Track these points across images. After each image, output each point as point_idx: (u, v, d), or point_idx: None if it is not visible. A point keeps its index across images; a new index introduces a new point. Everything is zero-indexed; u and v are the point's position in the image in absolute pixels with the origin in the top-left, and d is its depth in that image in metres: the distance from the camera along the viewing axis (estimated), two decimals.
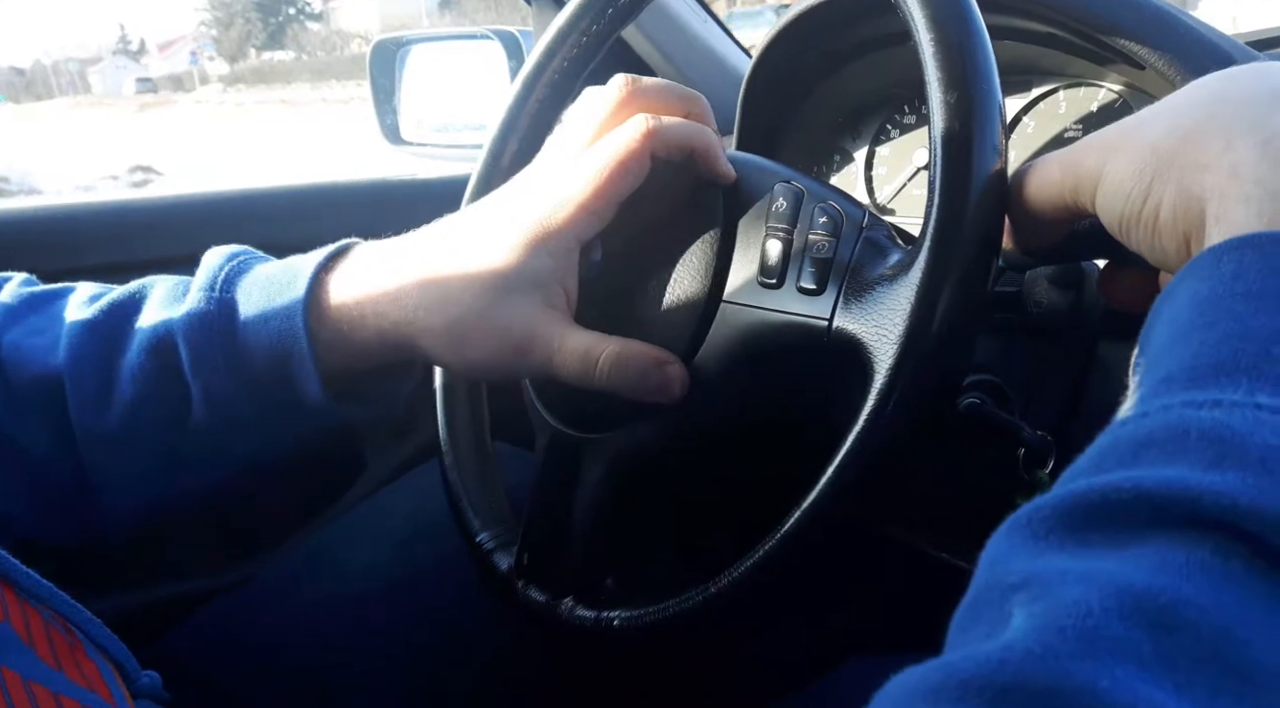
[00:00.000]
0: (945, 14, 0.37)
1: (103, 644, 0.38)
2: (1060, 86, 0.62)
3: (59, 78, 59.21)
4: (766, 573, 0.40)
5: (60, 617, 0.37)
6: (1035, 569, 0.21)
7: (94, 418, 0.44)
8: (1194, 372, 0.23)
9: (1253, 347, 0.22)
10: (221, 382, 0.44)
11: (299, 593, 0.64)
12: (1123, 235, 0.32)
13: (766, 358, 0.42)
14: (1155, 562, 0.20)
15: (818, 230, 0.41)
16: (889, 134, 0.71)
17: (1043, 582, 0.20)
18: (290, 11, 53.49)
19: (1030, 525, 0.22)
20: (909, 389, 0.35)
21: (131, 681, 0.39)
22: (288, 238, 0.91)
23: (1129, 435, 0.23)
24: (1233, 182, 0.27)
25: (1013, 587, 0.21)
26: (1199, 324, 0.24)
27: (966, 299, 0.35)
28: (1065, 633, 0.19)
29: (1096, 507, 0.21)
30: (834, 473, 0.37)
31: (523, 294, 0.41)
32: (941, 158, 0.36)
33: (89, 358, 0.44)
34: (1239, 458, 0.20)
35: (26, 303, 0.47)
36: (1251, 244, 0.25)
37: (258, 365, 0.44)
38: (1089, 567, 0.20)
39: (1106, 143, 0.33)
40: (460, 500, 0.55)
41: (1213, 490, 0.20)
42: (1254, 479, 0.20)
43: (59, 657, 0.35)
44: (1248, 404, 0.21)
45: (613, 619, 0.45)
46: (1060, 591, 0.20)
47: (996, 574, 0.22)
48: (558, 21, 0.53)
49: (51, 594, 0.36)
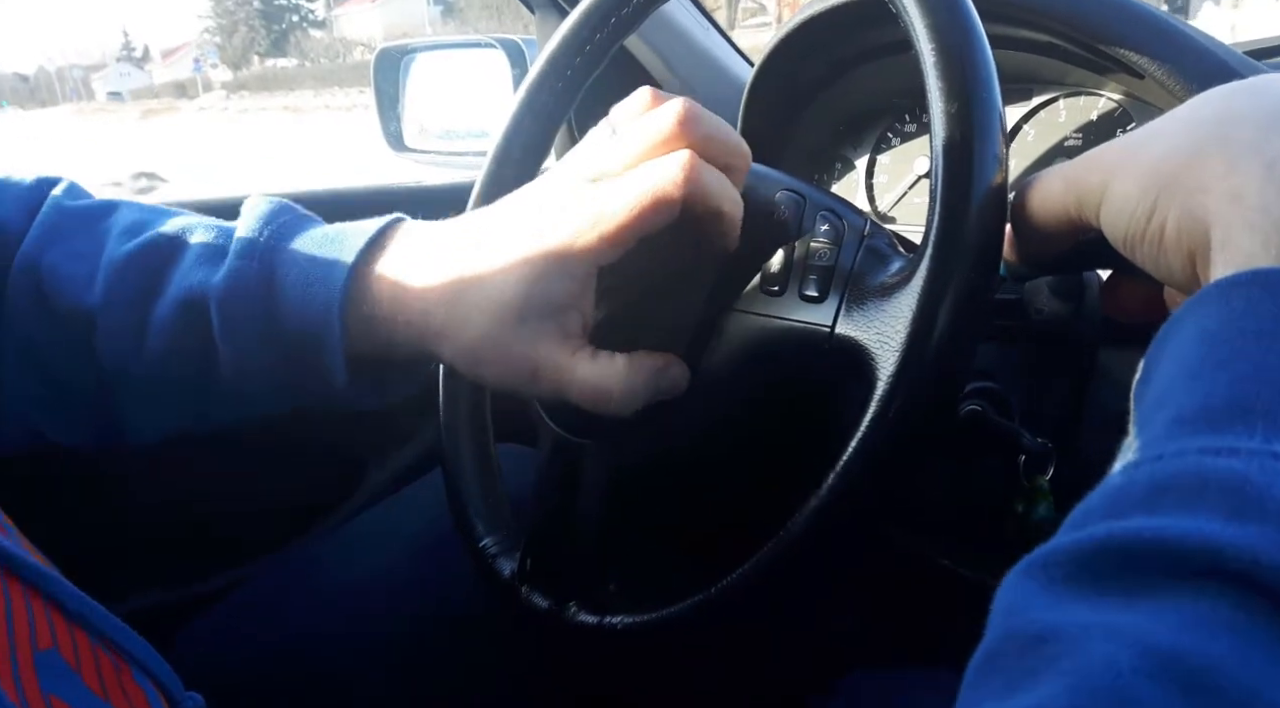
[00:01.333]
0: (946, 24, 0.37)
1: (149, 668, 0.38)
2: (1060, 95, 0.63)
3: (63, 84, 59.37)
4: (768, 578, 0.40)
5: (108, 639, 0.36)
6: (1056, 621, 0.21)
7: (122, 360, 0.45)
8: (1209, 413, 0.23)
9: (1268, 390, 0.22)
10: (252, 350, 0.44)
11: (300, 600, 0.64)
12: (1127, 251, 0.32)
13: (769, 365, 0.42)
14: (1180, 618, 0.20)
15: (820, 238, 0.41)
16: (890, 142, 0.72)
17: (1068, 637, 0.20)
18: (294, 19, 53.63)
19: (1047, 570, 0.22)
20: (910, 396, 0.36)
21: (176, 703, 0.39)
22: None
23: (1145, 479, 0.23)
24: (1236, 207, 0.27)
25: (1034, 639, 0.21)
26: (1210, 362, 0.24)
27: (967, 307, 0.36)
28: (1098, 695, 0.18)
29: (1115, 555, 0.21)
30: (836, 478, 0.38)
31: (540, 321, 0.41)
32: (943, 166, 0.36)
33: (122, 303, 0.45)
34: (1259, 511, 0.20)
35: (71, 219, 0.47)
36: (1259, 281, 0.25)
37: (289, 342, 0.44)
38: (1113, 621, 0.20)
39: (1110, 160, 0.33)
40: (463, 506, 0.55)
41: (1233, 544, 0.20)
42: (1274, 533, 0.20)
43: (105, 684, 0.34)
44: (1265, 453, 0.21)
45: (615, 624, 0.45)
46: (1088, 648, 0.20)
47: (1014, 625, 0.22)
48: (561, 30, 0.53)
49: (102, 618, 0.36)
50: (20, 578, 0.33)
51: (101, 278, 0.45)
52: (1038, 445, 0.49)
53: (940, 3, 0.37)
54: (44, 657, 0.32)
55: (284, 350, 0.44)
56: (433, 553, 0.65)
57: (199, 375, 0.45)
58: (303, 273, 0.44)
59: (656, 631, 0.43)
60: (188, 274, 0.45)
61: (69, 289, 0.45)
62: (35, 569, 0.34)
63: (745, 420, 0.44)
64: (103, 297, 0.45)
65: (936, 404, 0.37)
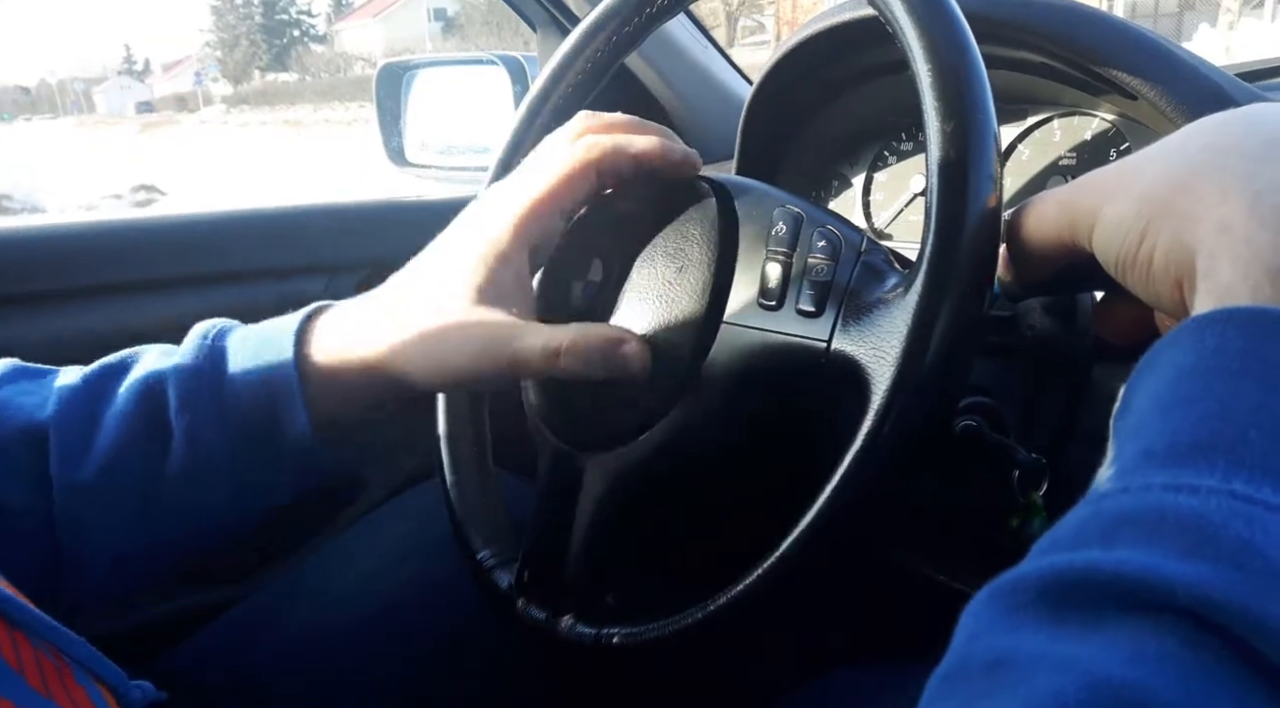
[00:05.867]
0: (942, 44, 0.38)
1: (91, 668, 0.38)
2: (1055, 115, 0.63)
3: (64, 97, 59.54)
4: (765, 592, 0.40)
5: (49, 643, 0.37)
6: (1012, 648, 0.22)
7: (73, 469, 0.44)
8: (1173, 450, 0.24)
9: (1231, 428, 0.23)
10: (206, 422, 0.46)
11: (297, 611, 0.64)
12: (1118, 275, 0.32)
13: (766, 378, 0.42)
14: (1128, 651, 0.20)
15: (816, 254, 0.41)
16: (886, 161, 0.72)
17: (1020, 666, 0.21)
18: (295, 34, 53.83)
19: (1012, 596, 0.23)
20: (905, 410, 0.36)
21: (122, 697, 0.39)
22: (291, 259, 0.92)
23: (1110, 511, 0.23)
24: (1223, 237, 0.28)
25: (990, 664, 0.22)
26: (1180, 399, 0.25)
27: (962, 322, 0.36)
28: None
29: (1074, 586, 0.22)
30: (831, 493, 0.38)
31: (484, 307, 0.44)
32: (938, 185, 0.37)
33: (76, 410, 0.46)
34: (1213, 549, 0.21)
35: (19, 372, 0.48)
36: (1234, 319, 0.25)
37: (244, 405, 0.46)
38: (1064, 653, 0.21)
39: (1104, 184, 0.33)
40: (461, 518, 0.55)
41: (1185, 581, 0.20)
42: (1225, 572, 0.20)
43: (48, 684, 0.35)
44: (1223, 492, 0.22)
45: (612, 637, 0.45)
46: (1038, 678, 0.20)
47: (974, 648, 0.22)
48: (562, 48, 0.54)
49: (39, 621, 0.37)
50: None
51: (54, 399, 0.46)
52: (1032, 461, 0.50)
53: (937, 24, 0.38)
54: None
55: (240, 413, 0.46)
56: (429, 565, 0.65)
57: (151, 471, 0.45)
58: (253, 342, 0.47)
59: (653, 644, 0.44)
60: (142, 371, 0.47)
61: (19, 415, 0.45)
62: None
63: (742, 434, 0.44)
64: (55, 412, 0.45)
65: (932, 417, 0.37)
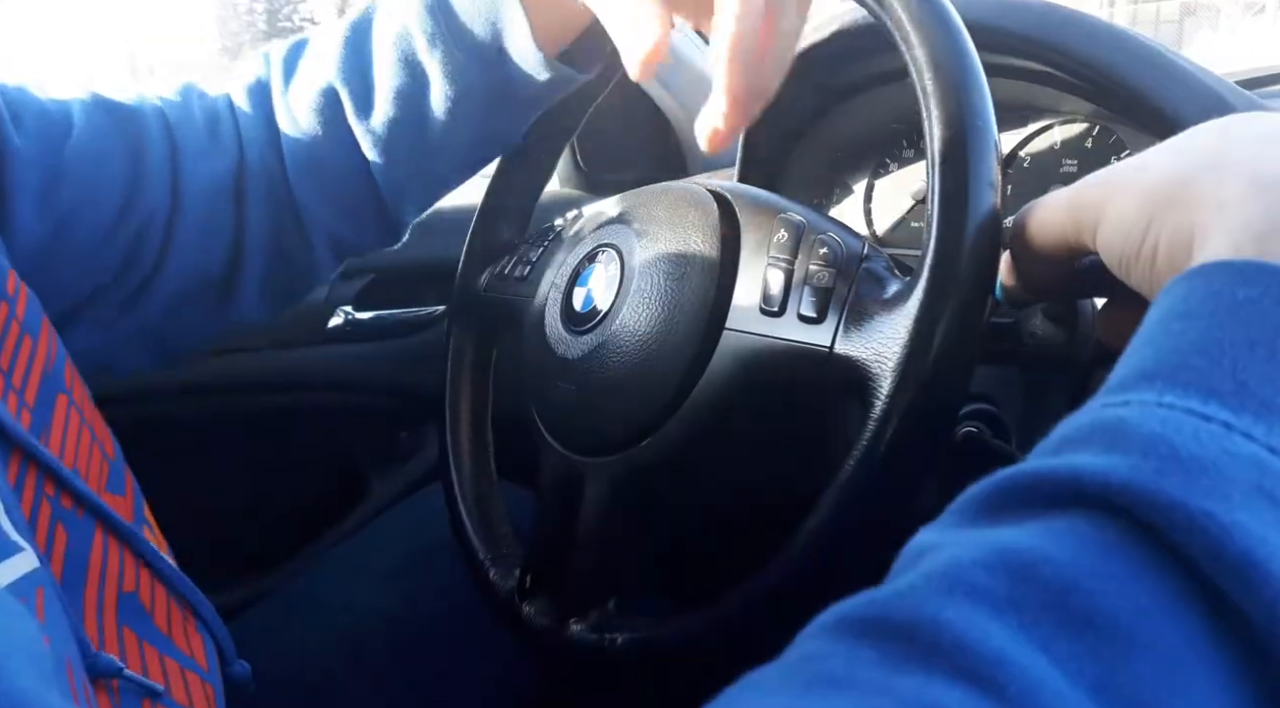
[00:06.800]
0: (943, 53, 0.38)
1: (209, 624, 0.44)
2: (1055, 123, 0.64)
3: None
4: (767, 596, 0.40)
5: (179, 592, 0.42)
6: (945, 537, 0.24)
7: (365, 120, 0.53)
8: (1123, 381, 0.26)
9: (1175, 358, 0.25)
10: (451, 54, 0.51)
11: (299, 616, 0.64)
12: (1123, 273, 0.33)
13: (768, 384, 0.42)
14: (1034, 531, 0.22)
15: (818, 261, 0.41)
16: (888, 168, 0.73)
17: (937, 547, 0.23)
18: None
19: (959, 507, 0.25)
20: (907, 414, 0.36)
21: (227, 664, 0.45)
22: None
23: (1057, 433, 0.26)
24: (1219, 216, 0.28)
25: (922, 551, 0.24)
26: (1139, 343, 0.27)
27: (963, 328, 0.36)
28: (931, 579, 0.22)
29: (1008, 491, 0.24)
30: (832, 498, 0.38)
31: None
32: (939, 192, 0.37)
33: (352, 67, 0.53)
34: (1125, 445, 0.23)
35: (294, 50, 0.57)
36: (1201, 272, 0.27)
37: (477, 33, 0.51)
38: (984, 534, 0.23)
39: (1109, 183, 0.33)
40: (463, 523, 0.55)
41: (1092, 472, 0.22)
42: (1133, 461, 0.22)
43: (173, 627, 0.41)
44: (1151, 403, 0.24)
45: (615, 640, 0.45)
46: (946, 551, 0.23)
47: (915, 543, 0.25)
48: None
49: (178, 577, 0.42)
50: (116, 534, 0.40)
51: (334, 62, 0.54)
52: None
53: (937, 32, 0.38)
54: (126, 598, 0.39)
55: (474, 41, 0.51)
56: (432, 571, 0.65)
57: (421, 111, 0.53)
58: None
59: (655, 648, 0.44)
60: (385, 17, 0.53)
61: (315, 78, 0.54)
62: (125, 526, 0.40)
63: (744, 439, 0.45)
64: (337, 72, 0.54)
65: (933, 423, 0.37)
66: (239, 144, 0.55)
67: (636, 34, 0.42)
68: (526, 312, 0.54)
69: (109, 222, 0.51)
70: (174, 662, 0.40)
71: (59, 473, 0.37)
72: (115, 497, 0.42)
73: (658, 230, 0.47)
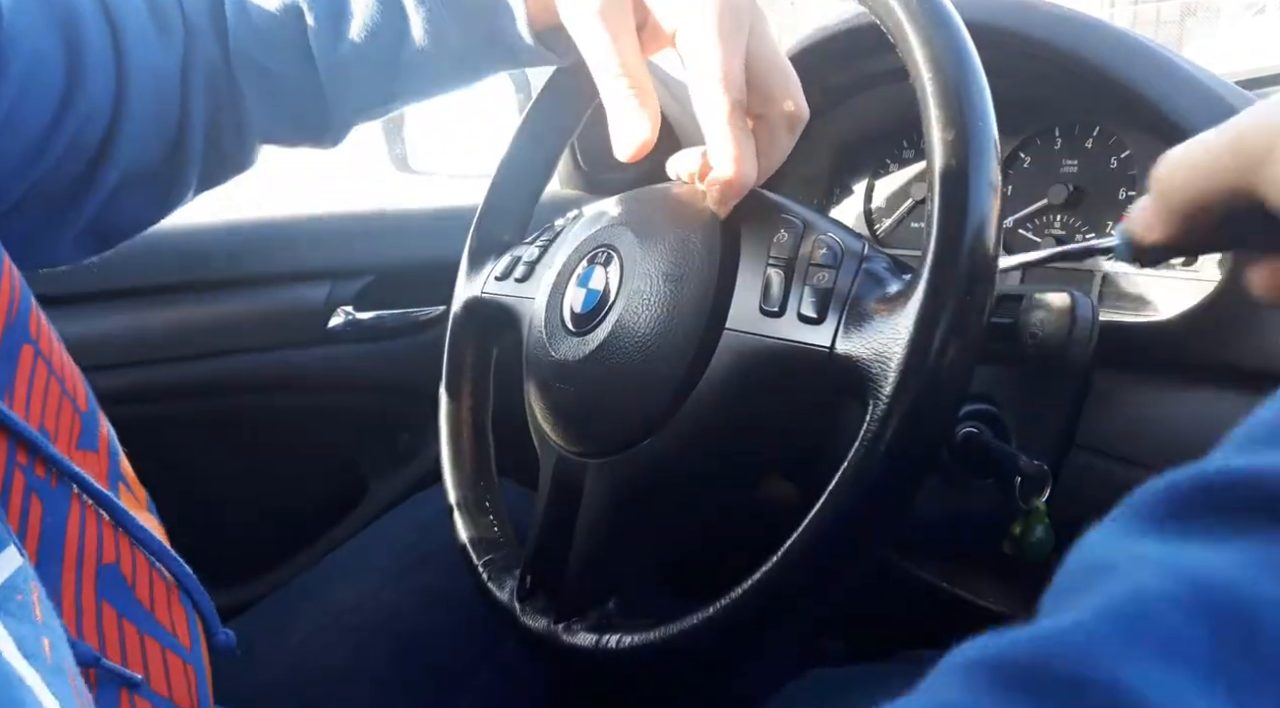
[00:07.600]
0: (943, 53, 0.38)
1: (194, 596, 0.42)
2: (1055, 123, 0.64)
3: None
4: (767, 598, 0.40)
5: (163, 562, 0.41)
6: (1122, 552, 0.19)
7: (330, 47, 0.52)
8: None
9: None
10: (439, 13, 0.50)
11: (300, 620, 0.64)
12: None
13: (768, 384, 0.42)
14: (1241, 553, 0.18)
15: (818, 261, 0.41)
16: (888, 168, 0.73)
17: (1118, 567, 0.19)
18: None
19: (1136, 509, 0.21)
20: (907, 414, 0.36)
21: (211, 634, 0.43)
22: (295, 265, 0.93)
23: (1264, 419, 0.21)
24: None
25: (1093, 568, 0.20)
26: None
27: (963, 329, 0.36)
28: (1106, 618, 0.17)
29: (1203, 492, 0.20)
30: (832, 497, 0.38)
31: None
32: (939, 193, 0.37)
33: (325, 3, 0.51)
34: None
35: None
36: None
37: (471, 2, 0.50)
38: (1175, 554, 0.19)
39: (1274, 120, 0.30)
40: (463, 525, 0.55)
41: None
42: None
43: (155, 600, 0.39)
44: None
45: (614, 643, 0.45)
46: (1133, 575, 0.18)
47: (1083, 556, 0.20)
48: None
49: (161, 549, 0.41)
50: (96, 501, 0.38)
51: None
52: (1034, 468, 0.50)
53: (937, 32, 0.38)
54: (105, 570, 0.37)
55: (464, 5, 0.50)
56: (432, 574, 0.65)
57: (394, 52, 0.52)
58: None
59: (654, 651, 0.44)
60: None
61: None
62: (100, 492, 0.38)
63: (744, 439, 0.44)
64: None
65: (933, 423, 0.37)
66: (185, 30, 0.53)
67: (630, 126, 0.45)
68: (526, 312, 0.54)
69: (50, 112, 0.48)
70: (154, 642, 0.38)
71: (30, 439, 0.34)
72: (87, 454, 0.40)
73: (658, 231, 0.47)
